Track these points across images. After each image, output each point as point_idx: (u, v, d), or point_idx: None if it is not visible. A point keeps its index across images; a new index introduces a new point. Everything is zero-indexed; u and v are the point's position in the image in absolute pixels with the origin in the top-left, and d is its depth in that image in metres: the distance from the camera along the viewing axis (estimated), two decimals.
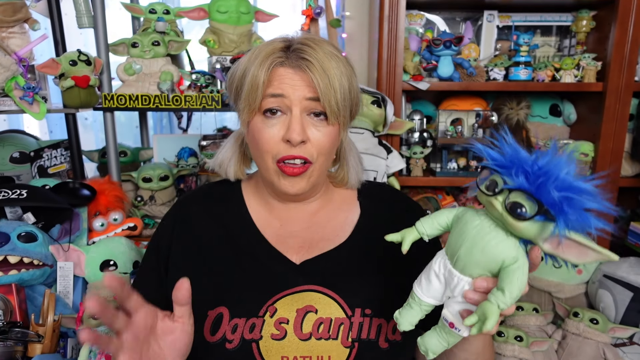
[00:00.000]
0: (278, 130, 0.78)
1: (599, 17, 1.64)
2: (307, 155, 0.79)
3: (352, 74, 0.80)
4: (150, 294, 0.80)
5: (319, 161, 0.81)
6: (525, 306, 1.27)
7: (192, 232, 0.89)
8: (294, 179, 0.80)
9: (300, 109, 0.77)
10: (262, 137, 0.79)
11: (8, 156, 1.70)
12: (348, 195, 0.95)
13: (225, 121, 2.25)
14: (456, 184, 1.69)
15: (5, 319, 1.12)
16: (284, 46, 0.79)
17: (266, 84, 0.77)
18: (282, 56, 0.77)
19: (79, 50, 1.46)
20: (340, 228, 0.90)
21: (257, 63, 0.77)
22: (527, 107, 1.71)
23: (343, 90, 0.77)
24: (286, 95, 0.76)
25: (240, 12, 1.60)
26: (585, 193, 0.51)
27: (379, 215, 0.92)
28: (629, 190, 1.75)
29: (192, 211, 0.92)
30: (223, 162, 0.92)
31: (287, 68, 0.77)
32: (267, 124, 0.79)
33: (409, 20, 1.77)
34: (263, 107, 0.78)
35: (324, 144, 0.80)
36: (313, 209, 0.91)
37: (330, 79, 0.75)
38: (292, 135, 0.76)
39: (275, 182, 0.82)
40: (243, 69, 0.80)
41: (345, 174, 0.92)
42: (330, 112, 0.77)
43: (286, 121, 0.78)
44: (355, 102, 0.83)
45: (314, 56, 0.75)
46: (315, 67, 0.75)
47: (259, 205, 0.91)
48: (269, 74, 0.77)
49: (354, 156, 0.93)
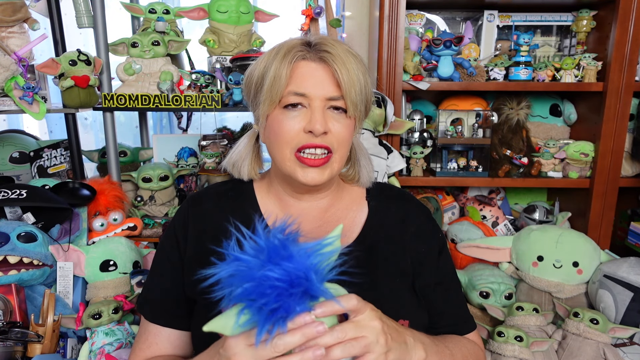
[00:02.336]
0: (299, 121, 0.79)
1: (599, 17, 1.64)
2: (329, 144, 0.80)
3: (366, 72, 0.83)
4: (170, 287, 0.84)
5: (339, 152, 0.82)
6: (525, 306, 1.27)
7: (206, 227, 0.89)
8: (315, 170, 0.81)
9: (322, 103, 0.79)
10: (282, 128, 0.80)
11: (8, 156, 1.70)
12: (357, 194, 0.95)
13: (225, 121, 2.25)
14: (456, 184, 1.69)
15: (5, 319, 1.12)
16: (305, 42, 0.82)
17: (289, 78, 0.79)
18: (303, 50, 0.80)
19: (78, 50, 1.46)
20: (349, 228, 0.90)
21: (280, 57, 0.79)
22: (527, 107, 1.71)
23: (360, 85, 0.80)
24: (308, 95, 0.79)
25: (240, 12, 1.60)
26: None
27: (386, 215, 0.92)
28: (629, 190, 1.75)
29: (206, 207, 0.92)
30: (237, 162, 0.93)
31: (309, 62, 0.80)
32: (287, 115, 0.80)
33: (409, 20, 1.77)
34: (284, 103, 0.80)
35: (344, 135, 0.82)
36: (324, 206, 0.92)
37: (350, 72, 0.78)
38: (315, 126, 0.77)
39: (293, 174, 0.82)
40: (264, 65, 0.81)
41: (357, 172, 0.94)
42: (350, 103, 0.80)
43: (307, 113, 0.79)
44: (368, 99, 0.85)
45: (335, 51, 0.79)
46: (337, 60, 0.78)
47: (271, 204, 0.92)
48: (291, 66, 0.79)
49: (364, 156, 0.95)
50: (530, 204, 1.79)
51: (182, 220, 0.91)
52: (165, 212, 1.64)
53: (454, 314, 0.92)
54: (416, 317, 0.84)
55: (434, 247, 0.91)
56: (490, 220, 1.73)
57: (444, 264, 0.92)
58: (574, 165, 1.66)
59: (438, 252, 0.91)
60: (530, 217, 1.71)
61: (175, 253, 0.89)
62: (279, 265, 0.54)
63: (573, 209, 1.71)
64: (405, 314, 0.82)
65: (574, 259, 1.34)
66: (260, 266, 0.54)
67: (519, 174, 1.70)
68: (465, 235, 1.53)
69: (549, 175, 1.69)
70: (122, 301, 1.22)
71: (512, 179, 1.66)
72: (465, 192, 1.88)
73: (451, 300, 0.92)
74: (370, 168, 0.95)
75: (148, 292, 0.92)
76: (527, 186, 1.68)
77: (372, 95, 0.86)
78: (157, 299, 0.89)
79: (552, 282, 1.34)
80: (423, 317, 0.86)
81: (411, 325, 0.81)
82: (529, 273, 1.37)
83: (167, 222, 1.57)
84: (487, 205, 1.76)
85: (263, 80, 0.81)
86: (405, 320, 0.81)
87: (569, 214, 1.63)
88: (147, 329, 0.89)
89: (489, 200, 1.78)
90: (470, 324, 0.94)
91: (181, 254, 0.89)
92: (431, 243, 0.91)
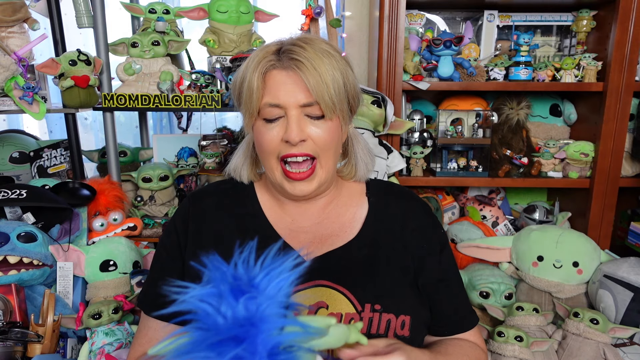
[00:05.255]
0: (278, 132, 0.80)
1: (600, 16, 1.64)
2: (310, 151, 0.80)
3: (346, 68, 0.82)
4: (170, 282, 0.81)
5: (324, 157, 0.82)
6: (525, 306, 1.26)
7: (207, 224, 0.90)
8: (301, 184, 0.82)
9: (297, 111, 0.79)
10: (264, 140, 0.81)
11: (8, 156, 1.70)
12: (356, 190, 0.96)
13: (225, 121, 2.25)
14: (456, 184, 1.69)
15: (5, 319, 1.12)
16: (276, 49, 0.80)
17: (262, 89, 0.79)
18: (273, 59, 0.79)
19: (78, 50, 1.46)
20: (349, 224, 0.90)
21: (251, 69, 0.80)
22: (527, 107, 1.71)
23: (336, 85, 0.79)
24: (282, 105, 0.79)
25: (240, 12, 1.60)
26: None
27: (387, 211, 0.92)
28: (629, 190, 1.75)
29: (207, 204, 0.93)
30: (237, 167, 0.94)
31: (280, 70, 0.79)
32: (267, 127, 0.81)
33: (409, 20, 1.77)
34: (263, 116, 0.81)
35: (325, 140, 0.81)
36: (323, 203, 0.92)
37: (321, 75, 0.77)
38: (291, 135, 0.78)
39: (282, 186, 0.84)
40: (242, 76, 0.82)
41: (353, 167, 0.94)
42: (325, 107, 0.79)
43: (285, 123, 0.80)
44: (352, 96, 0.84)
45: (303, 55, 0.77)
46: (305, 66, 0.77)
47: (270, 202, 0.93)
48: (262, 78, 0.79)
49: (362, 148, 0.94)
50: (530, 204, 1.79)
51: (183, 216, 0.91)
52: (165, 212, 1.64)
53: (457, 310, 0.92)
54: (417, 314, 0.84)
55: (435, 244, 0.91)
56: (490, 220, 1.73)
57: (446, 261, 0.92)
58: (574, 165, 1.66)
59: (440, 249, 0.91)
60: (530, 217, 1.71)
61: (176, 249, 0.89)
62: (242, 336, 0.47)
63: (573, 209, 1.71)
64: (406, 310, 0.82)
65: (574, 259, 1.34)
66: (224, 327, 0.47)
67: (519, 174, 1.70)
68: (465, 235, 1.53)
69: (549, 175, 1.69)
70: (122, 301, 1.22)
71: (512, 179, 1.66)
72: (465, 192, 1.88)
73: (454, 296, 0.92)
74: (369, 160, 0.95)
75: (148, 287, 0.92)
76: (527, 186, 1.68)
77: (357, 90, 0.85)
78: (158, 293, 0.89)
79: (552, 282, 1.34)
80: (424, 313, 0.87)
81: (412, 321, 0.82)
82: (529, 273, 1.37)
83: (167, 222, 1.57)
84: (487, 205, 1.76)
85: (241, 92, 0.82)
86: (406, 316, 0.81)
87: (569, 214, 1.63)
88: (146, 324, 0.89)
89: (489, 200, 1.78)
90: (473, 320, 0.94)
91: (181, 249, 0.89)
92: (432, 240, 0.91)
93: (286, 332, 0.48)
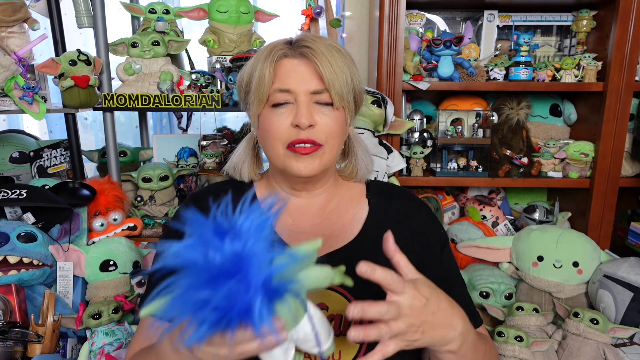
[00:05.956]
0: (286, 117, 0.82)
1: (600, 16, 1.64)
2: (316, 138, 0.82)
3: (352, 65, 0.85)
4: None
5: (329, 144, 0.84)
6: (525, 306, 1.26)
7: None
8: (306, 159, 0.83)
9: (307, 98, 0.81)
10: (272, 125, 0.83)
11: (8, 156, 1.70)
12: (357, 191, 0.96)
13: (225, 121, 2.25)
14: (456, 184, 1.69)
15: (5, 319, 1.12)
16: (287, 41, 0.85)
17: (273, 76, 0.82)
18: (284, 48, 0.83)
19: (78, 50, 1.46)
20: (349, 225, 0.91)
21: (262, 59, 0.82)
22: (527, 107, 1.71)
23: (345, 77, 0.82)
24: (292, 90, 0.81)
25: (240, 12, 1.60)
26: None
27: (387, 212, 0.93)
28: (629, 190, 1.75)
29: (207, 205, 0.92)
30: (237, 165, 0.95)
31: (291, 58, 0.82)
32: (276, 113, 0.83)
33: (409, 20, 1.77)
34: (272, 101, 0.83)
35: (332, 127, 0.83)
36: (322, 202, 0.92)
37: (332, 65, 0.80)
38: (301, 119, 0.80)
39: (288, 166, 0.84)
40: (250, 68, 0.85)
41: (354, 166, 0.95)
42: (335, 95, 0.81)
43: (294, 109, 0.82)
44: (357, 92, 0.87)
45: (316, 45, 0.81)
46: (318, 54, 0.80)
47: None
48: (274, 65, 0.82)
49: (362, 149, 0.95)
50: (530, 204, 1.79)
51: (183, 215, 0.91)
52: (165, 212, 1.64)
53: None
54: None
55: (436, 244, 0.91)
56: (490, 220, 1.73)
57: (447, 260, 0.92)
58: (574, 165, 1.66)
59: (440, 249, 0.91)
60: (530, 217, 1.71)
61: None
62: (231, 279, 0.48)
63: (573, 209, 1.71)
64: None
65: (574, 259, 1.34)
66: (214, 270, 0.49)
67: (519, 174, 1.70)
68: (465, 235, 1.53)
69: (549, 175, 1.69)
70: (122, 301, 1.22)
71: (512, 179, 1.66)
72: (465, 192, 1.88)
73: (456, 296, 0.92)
74: (368, 161, 0.96)
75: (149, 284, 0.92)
76: (527, 186, 1.68)
77: (361, 87, 0.88)
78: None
79: (552, 282, 1.34)
80: None
81: None
82: (529, 273, 1.37)
83: (167, 222, 1.57)
84: (487, 205, 1.76)
85: (250, 82, 0.84)
86: None
87: (569, 214, 1.63)
88: (145, 322, 0.89)
89: (489, 200, 1.78)
90: (477, 320, 0.93)
91: None
92: (433, 240, 0.91)
93: (276, 264, 0.50)
